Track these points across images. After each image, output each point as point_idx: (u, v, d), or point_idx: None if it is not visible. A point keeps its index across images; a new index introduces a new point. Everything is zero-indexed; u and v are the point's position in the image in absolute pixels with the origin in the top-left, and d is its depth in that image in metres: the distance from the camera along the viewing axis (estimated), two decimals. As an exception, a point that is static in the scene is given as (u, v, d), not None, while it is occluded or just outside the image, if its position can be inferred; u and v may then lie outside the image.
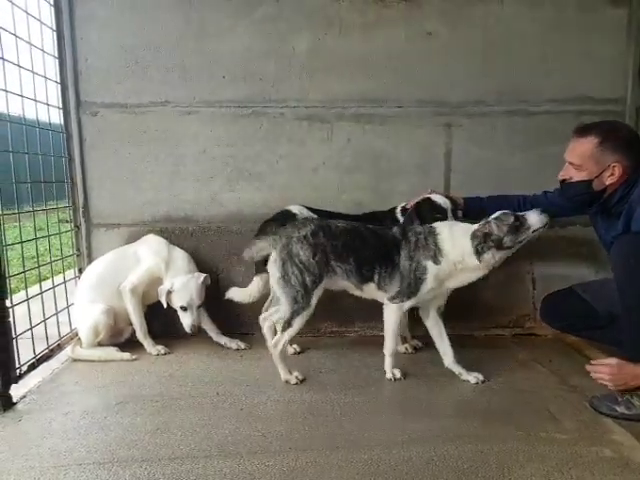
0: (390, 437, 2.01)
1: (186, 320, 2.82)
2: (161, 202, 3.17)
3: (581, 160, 2.18)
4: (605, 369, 2.11)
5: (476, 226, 2.36)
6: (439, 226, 2.43)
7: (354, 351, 2.92)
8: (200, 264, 3.06)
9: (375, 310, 2.80)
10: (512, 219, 2.28)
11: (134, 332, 2.93)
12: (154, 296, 2.88)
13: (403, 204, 2.85)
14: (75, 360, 2.80)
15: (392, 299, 2.42)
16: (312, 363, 2.74)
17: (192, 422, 2.13)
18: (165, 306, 2.83)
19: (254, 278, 2.87)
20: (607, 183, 2.15)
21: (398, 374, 2.49)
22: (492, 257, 2.30)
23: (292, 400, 2.34)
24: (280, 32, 3.08)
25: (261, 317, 2.80)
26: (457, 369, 2.51)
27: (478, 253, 2.29)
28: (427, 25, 3.12)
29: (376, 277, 2.41)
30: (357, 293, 2.54)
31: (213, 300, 2.97)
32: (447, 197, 2.74)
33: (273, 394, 2.39)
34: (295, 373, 2.50)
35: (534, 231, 2.30)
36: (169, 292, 2.81)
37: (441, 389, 2.43)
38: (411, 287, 2.37)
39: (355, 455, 1.88)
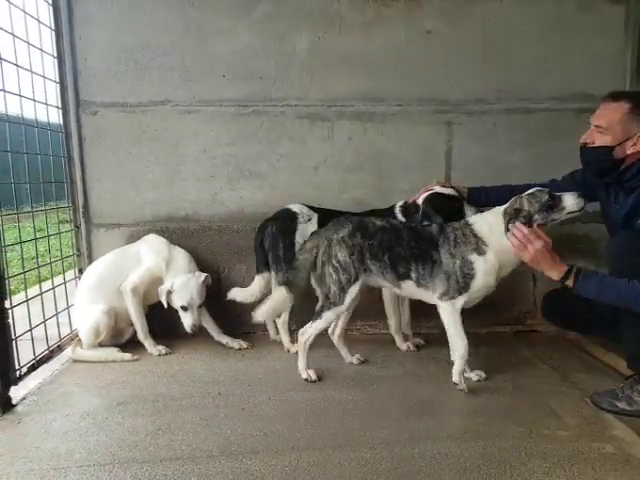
0: (392, 435, 2.01)
1: (187, 320, 2.81)
2: (161, 202, 3.15)
3: (608, 123, 2.14)
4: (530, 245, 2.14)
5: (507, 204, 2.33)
6: (472, 217, 2.43)
7: (356, 349, 2.89)
8: (201, 263, 3.05)
9: (377, 308, 2.80)
10: (546, 197, 2.23)
11: (135, 332, 2.92)
12: (155, 296, 2.86)
13: (401, 202, 2.82)
14: (75, 361, 2.78)
15: (442, 297, 2.35)
16: (314, 362, 2.71)
17: (194, 422, 2.12)
18: (166, 306, 2.82)
19: (255, 278, 2.86)
20: (628, 152, 2.12)
21: (464, 386, 2.35)
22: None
23: (294, 399, 2.33)
24: (280, 31, 3.07)
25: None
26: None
27: (508, 230, 2.23)
28: (427, 24, 3.12)
29: (414, 275, 2.38)
30: (397, 292, 2.53)
31: (214, 300, 2.96)
32: (451, 187, 2.73)
33: (275, 393, 2.38)
34: (312, 370, 2.49)
35: (569, 213, 2.25)
36: (169, 292, 2.80)
37: (443, 387, 2.42)
38: (459, 284, 2.31)
39: (357, 454, 1.88)
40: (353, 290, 2.39)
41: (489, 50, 3.13)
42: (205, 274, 2.87)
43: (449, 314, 2.35)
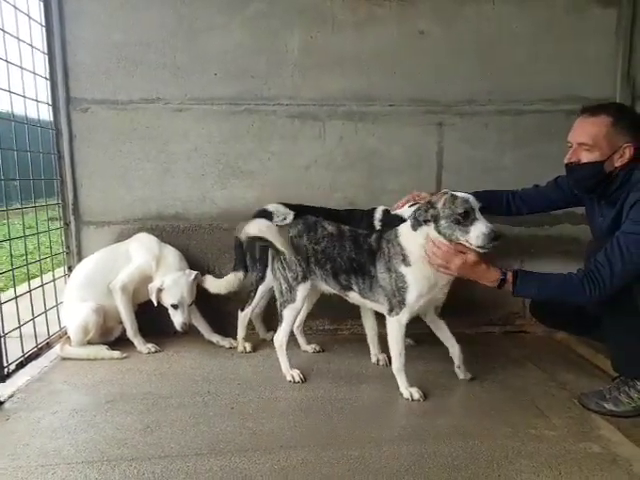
0: (381, 434, 2.02)
1: (177, 318, 2.80)
2: (152, 200, 3.14)
3: (594, 140, 2.08)
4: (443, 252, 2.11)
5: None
6: (400, 226, 2.30)
7: (346, 349, 2.92)
8: (191, 262, 3.04)
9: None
10: (462, 211, 2.05)
11: (124, 330, 2.92)
12: (145, 295, 2.86)
13: (383, 207, 2.79)
14: (64, 359, 2.77)
15: (389, 312, 2.29)
16: (303, 361, 2.73)
17: (182, 420, 2.12)
18: (156, 304, 2.81)
19: (230, 273, 2.89)
20: (616, 165, 2.09)
21: (417, 394, 2.30)
22: (426, 234, 2.15)
23: (283, 398, 2.33)
24: (272, 29, 3.07)
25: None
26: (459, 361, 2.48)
27: (415, 221, 2.16)
28: (419, 24, 3.13)
29: (355, 287, 2.37)
30: (348, 300, 2.51)
31: (205, 298, 2.96)
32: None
33: (264, 392, 2.38)
34: (297, 371, 2.50)
35: (470, 243, 2.07)
36: (159, 290, 2.80)
37: (431, 386, 2.43)
38: (397, 297, 2.24)
39: (346, 452, 1.88)
40: (302, 288, 2.41)
41: (481, 51, 3.15)
42: (195, 272, 2.87)
43: (394, 329, 2.29)
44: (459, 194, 2.13)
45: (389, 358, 2.70)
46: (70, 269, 3.13)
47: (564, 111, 3.15)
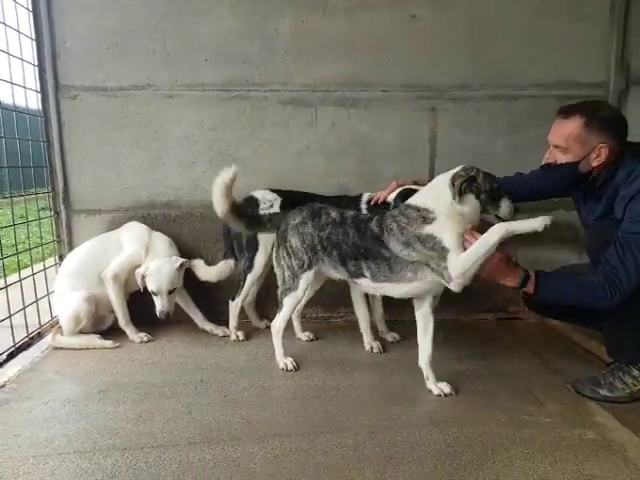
0: (375, 422, 2.01)
1: (157, 304, 2.78)
2: (143, 187, 3.11)
3: (566, 142, 2.11)
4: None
5: (456, 169, 2.15)
6: (410, 199, 2.23)
7: (339, 336, 2.91)
8: (183, 250, 3.02)
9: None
10: (497, 187, 2.11)
11: (116, 320, 2.90)
12: (136, 284, 2.83)
13: (369, 194, 2.76)
14: (56, 348, 2.75)
15: (448, 280, 2.09)
16: (297, 348, 2.73)
17: (175, 409, 2.11)
18: (142, 290, 2.78)
19: (220, 262, 2.89)
20: (593, 165, 2.10)
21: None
22: (469, 205, 2.08)
23: (277, 386, 2.33)
24: (263, 14, 3.02)
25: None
26: (427, 372, 2.30)
27: (460, 192, 2.05)
28: (411, 8, 3.09)
29: (367, 273, 2.26)
30: (357, 287, 2.44)
31: (199, 286, 2.95)
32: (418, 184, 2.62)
33: (258, 380, 2.37)
34: (290, 359, 2.49)
35: (496, 216, 2.15)
36: (144, 276, 2.77)
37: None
38: (437, 258, 2.06)
39: (340, 440, 1.88)
40: (305, 277, 2.37)
41: (474, 36, 3.11)
42: (182, 259, 2.83)
43: (464, 264, 2.03)
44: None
45: (383, 345, 2.73)
46: (61, 258, 3.11)
47: (556, 96, 3.13)
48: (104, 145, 3.06)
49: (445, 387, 2.25)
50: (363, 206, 2.73)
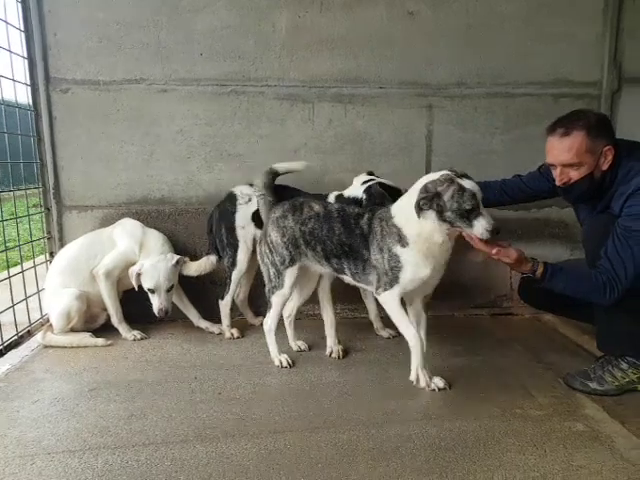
0: (369, 417, 2.00)
1: (154, 303, 2.73)
2: (136, 183, 3.07)
3: (578, 157, 2.09)
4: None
5: (436, 175, 2.06)
6: (393, 206, 2.19)
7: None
8: (178, 247, 2.99)
9: (357, 291, 2.76)
10: (470, 208, 1.97)
11: (109, 318, 2.85)
12: (130, 282, 2.78)
13: (336, 193, 2.71)
14: (46, 347, 2.70)
15: (377, 290, 2.20)
16: (292, 345, 2.69)
17: (168, 407, 2.07)
18: (136, 288, 2.74)
19: (203, 257, 2.89)
20: (604, 169, 2.11)
21: (441, 383, 2.20)
22: (430, 222, 2.03)
23: (271, 383, 2.30)
24: (259, 9, 2.99)
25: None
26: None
27: (418, 208, 2.00)
28: (409, 5, 3.08)
29: (348, 272, 2.28)
30: (343, 280, 2.41)
31: (195, 284, 2.90)
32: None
33: (252, 377, 2.34)
34: (285, 356, 2.46)
35: (471, 236, 2.06)
36: (138, 274, 2.72)
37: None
38: (389, 276, 2.14)
39: (334, 435, 1.86)
40: (289, 273, 2.33)
41: (471, 33, 3.11)
42: (178, 256, 2.79)
43: (389, 302, 2.17)
44: (466, 185, 1.99)
45: (344, 351, 2.62)
46: (52, 255, 3.05)
47: (552, 95, 3.16)
48: (96, 140, 3.01)
49: (439, 382, 2.22)
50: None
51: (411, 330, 2.19)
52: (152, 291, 2.72)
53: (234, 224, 2.79)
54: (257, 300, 3.07)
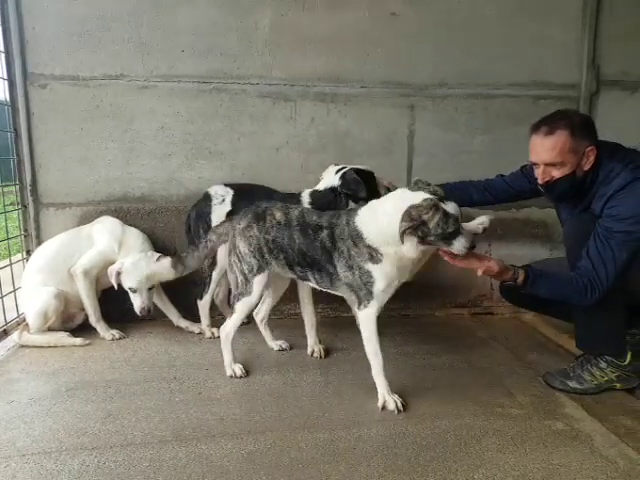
0: (350, 417, 2.00)
1: (136, 302, 2.69)
2: (116, 181, 3.02)
3: (561, 156, 2.11)
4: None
5: (417, 199, 1.95)
6: (357, 218, 2.09)
7: (317, 331, 2.86)
8: (158, 246, 2.95)
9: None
10: (452, 230, 1.94)
11: (87, 317, 2.81)
12: (109, 280, 2.73)
13: (309, 190, 2.67)
14: (23, 346, 2.65)
15: (359, 307, 2.15)
16: (272, 345, 2.68)
17: (147, 407, 2.05)
18: (116, 287, 2.70)
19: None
20: (586, 169, 2.13)
21: (392, 404, 2.06)
22: (409, 244, 1.97)
23: (252, 382, 2.29)
24: (242, 6, 2.97)
25: (254, 312, 2.59)
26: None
27: (403, 234, 1.93)
28: (392, 5, 3.09)
29: (312, 279, 2.26)
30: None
31: (173, 284, 2.87)
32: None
33: (233, 377, 2.32)
34: (239, 365, 2.36)
35: (448, 250, 2.02)
36: (118, 273, 2.67)
37: (401, 368, 2.42)
38: (363, 291, 2.10)
39: (315, 435, 1.86)
40: (258, 280, 2.28)
41: (452, 34, 3.13)
42: (158, 254, 2.75)
43: (365, 323, 2.13)
44: (450, 210, 1.94)
45: (326, 350, 2.62)
46: (29, 253, 3.00)
47: (532, 96, 3.20)
48: (75, 136, 2.96)
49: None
50: (305, 201, 2.61)
51: (379, 356, 2.14)
52: (133, 290, 2.68)
53: (210, 224, 2.75)
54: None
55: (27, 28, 2.87)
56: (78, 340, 2.68)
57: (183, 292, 2.94)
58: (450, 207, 1.96)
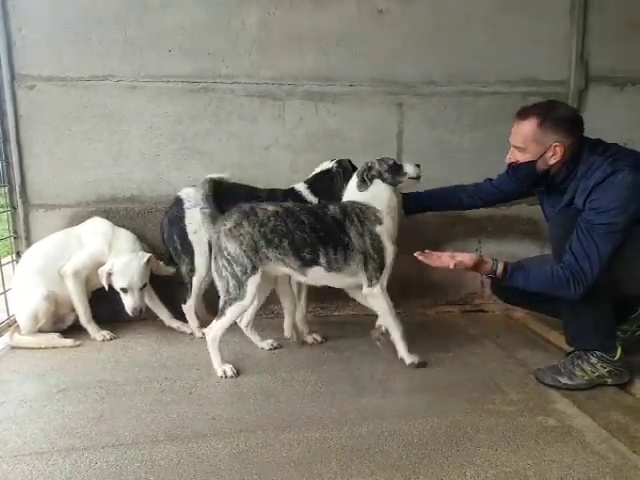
0: (342, 415, 2.01)
1: (128, 302, 2.68)
2: (105, 181, 3.02)
3: (524, 143, 2.17)
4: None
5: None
6: (355, 197, 2.44)
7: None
8: (147, 246, 2.94)
9: (328, 291, 2.78)
10: (392, 162, 2.44)
11: (77, 318, 2.80)
12: (99, 281, 2.73)
13: (302, 182, 2.76)
14: (14, 348, 2.65)
15: (369, 283, 2.34)
16: (263, 346, 2.69)
17: (138, 408, 2.05)
18: (107, 288, 2.70)
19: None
20: (550, 163, 2.17)
21: (417, 358, 2.39)
22: (382, 190, 2.40)
23: (243, 382, 2.29)
24: (229, 5, 2.97)
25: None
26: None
27: (364, 181, 2.40)
28: (379, 3, 3.09)
29: (323, 260, 2.30)
30: (301, 279, 2.43)
31: (166, 283, 2.88)
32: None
33: (223, 377, 2.32)
34: (229, 365, 2.35)
35: (410, 178, 2.44)
36: (109, 273, 2.67)
37: (393, 366, 2.43)
38: (376, 261, 2.33)
39: (306, 434, 1.87)
40: (252, 282, 2.26)
41: (440, 31, 3.14)
42: (149, 254, 2.76)
43: (380, 297, 2.35)
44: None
45: (324, 337, 2.73)
46: (18, 255, 2.99)
47: (520, 93, 3.20)
48: (64, 137, 2.96)
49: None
50: (304, 193, 2.73)
51: (398, 321, 2.40)
52: (125, 290, 2.68)
53: (185, 228, 2.74)
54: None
55: (14, 29, 2.86)
56: (69, 341, 2.68)
57: (173, 293, 2.94)
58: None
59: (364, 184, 2.41)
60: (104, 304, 2.83)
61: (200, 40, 2.97)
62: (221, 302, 2.32)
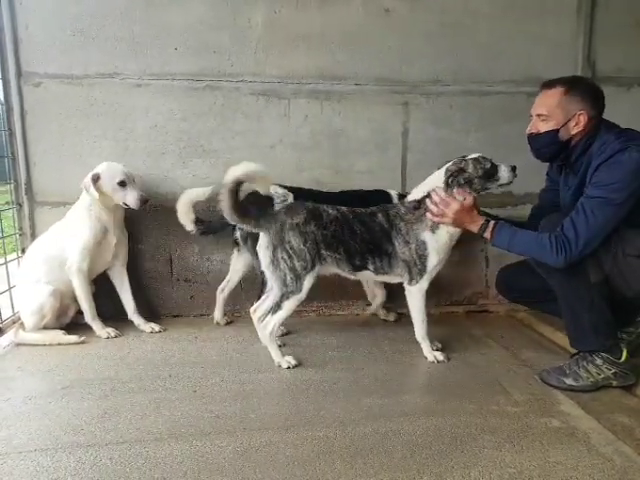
0: (346, 414, 2.00)
1: (132, 195, 2.72)
2: (110, 179, 3.02)
3: (548, 110, 2.17)
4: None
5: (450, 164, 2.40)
6: (412, 195, 2.48)
7: (312, 330, 2.89)
8: (152, 244, 2.96)
9: (334, 289, 2.79)
10: (489, 165, 2.35)
11: (81, 312, 2.80)
12: (100, 265, 2.80)
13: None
14: (19, 345, 2.65)
15: (410, 282, 2.46)
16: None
17: (142, 405, 2.05)
18: (97, 196, 2.68)
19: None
20: (573, 133, 2.16)
21: (441, 357, 2.48)
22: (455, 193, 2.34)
23: (247, 381, 2.29)
24: (235, 3, 2.97)
25: (251, 309, 2.59)
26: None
27: (448, 186, 2.33)
28: (385, 2, 3.08)
29: (371, 267, 2.44)
30: (351, 278, 2.56)
31: (166, 281, 2.88)
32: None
33: (228, 375, 2.33)
34: (290, 356, 2.42)
35: (500, 185, 2.39)
36: (96, 178, 2.68)
37: (397, 365, 2.44)
38: (418, 266, 2.41)
39: (310, 433, 1.86)
40: (310, 278, 2.34)
41: (446, 31, 3.13)
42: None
43: (417, 298, 2.46)
44: (474, 155, 2.41)
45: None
46: (24, 252, 3.00)
47: (525, 93, 3.17)
48: (69, 135, 2.96)
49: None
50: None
51: (425, 327, 2.50)
52: (123, 183, 2.71)
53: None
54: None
55: (20, 27, 2.86)
56: (73, 338, 2.68)
57: (175, 290, 2.94)
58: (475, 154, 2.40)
59: (447, 188, 2.35)
60: (108, 301, 2.83)
61: (206, 38, 2.97)
62: (277, 296, 2.37)
